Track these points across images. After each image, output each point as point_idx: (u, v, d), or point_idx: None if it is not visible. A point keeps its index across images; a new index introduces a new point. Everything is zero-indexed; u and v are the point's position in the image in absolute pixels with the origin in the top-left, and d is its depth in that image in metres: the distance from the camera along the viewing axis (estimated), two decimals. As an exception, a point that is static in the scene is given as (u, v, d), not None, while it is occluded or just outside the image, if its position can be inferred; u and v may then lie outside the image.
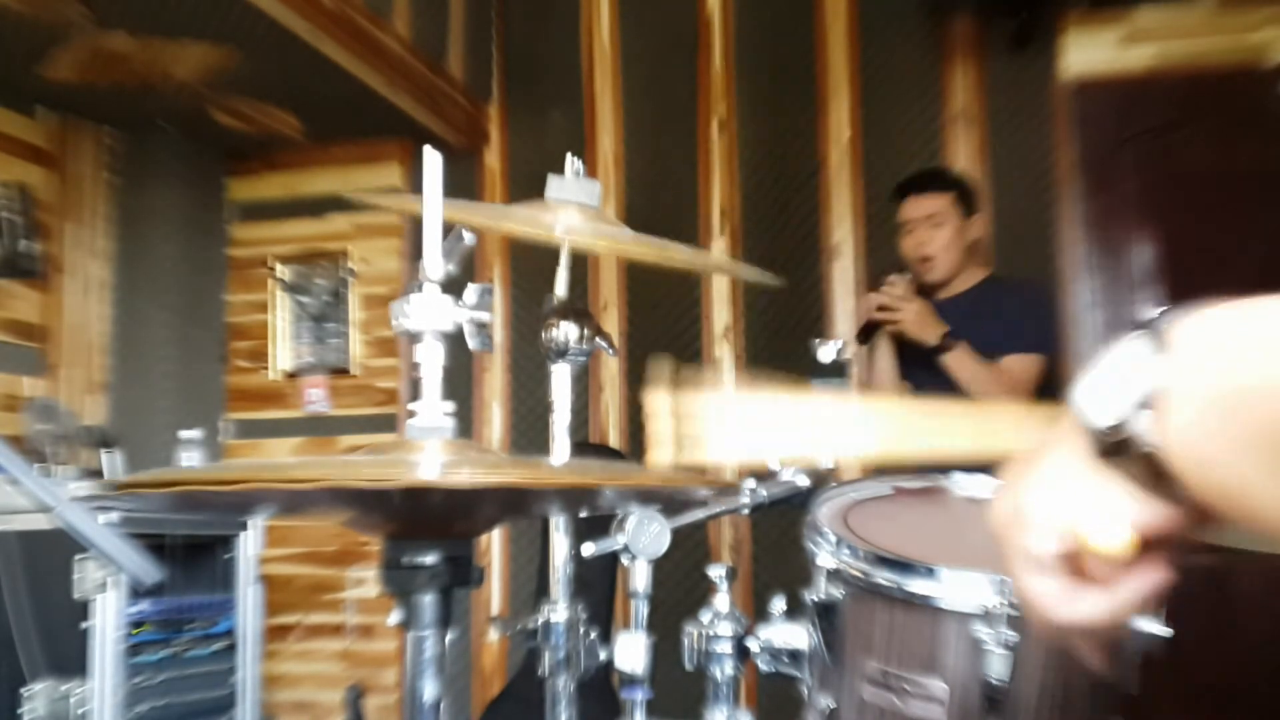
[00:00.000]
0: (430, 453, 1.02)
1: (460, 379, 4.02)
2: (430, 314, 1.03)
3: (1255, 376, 0.43)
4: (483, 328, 1.04)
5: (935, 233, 3.02)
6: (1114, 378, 0.49)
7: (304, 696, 3.98)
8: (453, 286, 1.04)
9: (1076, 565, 0.54)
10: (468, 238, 1.02)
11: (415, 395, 1.05)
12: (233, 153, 4.16)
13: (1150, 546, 0.53)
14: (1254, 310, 0.45)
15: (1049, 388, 2.88)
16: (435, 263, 1.03)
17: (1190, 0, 3.65)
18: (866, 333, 3.01)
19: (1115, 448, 0.49)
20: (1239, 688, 3.28)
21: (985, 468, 1.41)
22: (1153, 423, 0.47)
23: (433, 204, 1.03)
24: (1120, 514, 0.52)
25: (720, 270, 2.54)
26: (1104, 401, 0.49)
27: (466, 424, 4.03)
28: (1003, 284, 3.12)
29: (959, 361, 2.86)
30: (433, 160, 1.03)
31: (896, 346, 2.99)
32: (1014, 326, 2.95)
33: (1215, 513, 0.47)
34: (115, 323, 3.83)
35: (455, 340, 1.06)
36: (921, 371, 2.93)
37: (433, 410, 1.04)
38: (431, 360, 1.04)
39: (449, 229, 1.05)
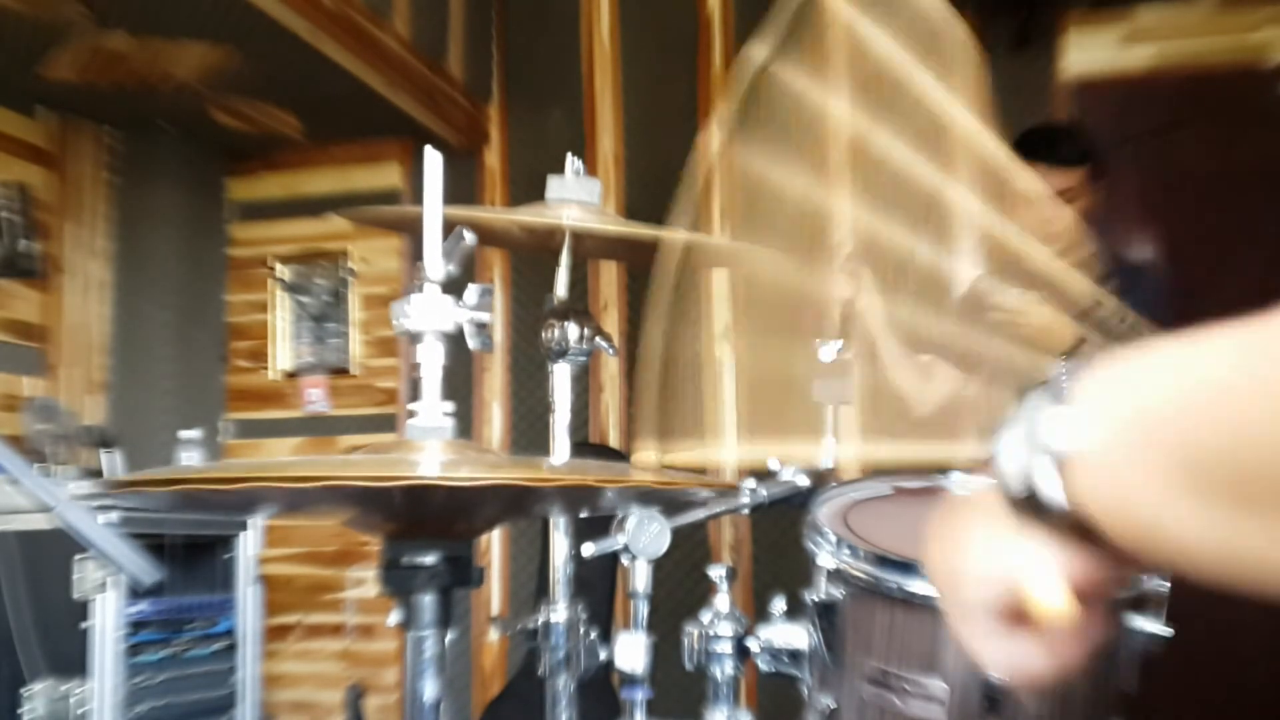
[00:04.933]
0: (430, 452, 1.02)
1: (460, 379, 4.01)
2: (430, 314, 1.03)
3: (1156, 402, 0.42)
4: (483, 328, 1.04)
5: (1063, 211, 2.54)
6: (1021, 440, 0.48)
7: (304, 696, 3.98)
8: (453, 287, 1.04)
9: (1016, 621, 0.53)
10: (468, 238, 1.02)
11: (415, 395, 1.05)
12: (233, 153, 4.15)
13: (1086, 600, 0.53)
14: (1147, 350, 0.44)
15: None
16: (436, 263, 1.03)
17: (1190, 0, 3.65)
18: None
19: (1033, 510, 0.49)
20: (1240, 688, 3.28)
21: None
22: (1062, 482, 0.47)
23: (433, 204, 1.03)
24: (1057, 572, 0.51)
25: (724, 255, 2.50)
26: (1013, 466, 0.49)
27: (466, 424, 4.03)
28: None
29: None
30: (433, 160, 1.03)
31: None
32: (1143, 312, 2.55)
33: (1143, 558, 0.46)
34: (115, 323, 3.83)
35: (455, 340, 1.06)
36: None
37: (433, 410, 1.03)
38: (432, 360, 1.04)
39: (449, 229, 1.05)
